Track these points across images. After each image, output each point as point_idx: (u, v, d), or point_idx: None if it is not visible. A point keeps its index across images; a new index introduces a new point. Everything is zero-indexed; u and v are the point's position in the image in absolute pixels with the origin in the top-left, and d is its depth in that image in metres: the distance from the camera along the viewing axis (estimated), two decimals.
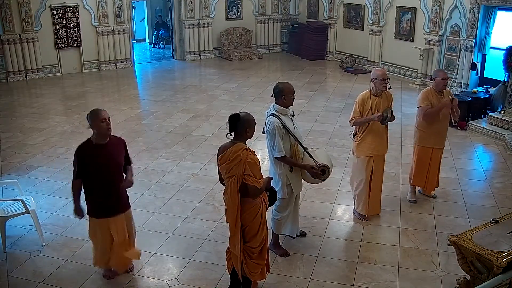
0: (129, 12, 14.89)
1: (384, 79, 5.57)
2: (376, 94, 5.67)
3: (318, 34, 15.55)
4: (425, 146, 6.29)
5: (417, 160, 6.38)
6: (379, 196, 6.05)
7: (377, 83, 5.59)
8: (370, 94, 5.68)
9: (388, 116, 5.61)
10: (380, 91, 5.64)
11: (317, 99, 11.35)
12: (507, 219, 4.29)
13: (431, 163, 6.31)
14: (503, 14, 10.69)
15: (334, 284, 4.86)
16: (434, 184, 6.48)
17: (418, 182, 6.47)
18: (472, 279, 4.03)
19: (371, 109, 5.63)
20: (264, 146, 5.35)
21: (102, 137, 4.50)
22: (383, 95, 5.70)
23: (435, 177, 6.44)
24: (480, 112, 9.88)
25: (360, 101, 5.68)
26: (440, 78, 6.06)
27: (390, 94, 5.82)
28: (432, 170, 6.36)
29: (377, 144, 5.76)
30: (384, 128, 5.81)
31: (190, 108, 10.70)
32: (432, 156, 6.31)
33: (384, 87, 5.61)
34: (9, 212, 5.50)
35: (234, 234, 4.30)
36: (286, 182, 5.02)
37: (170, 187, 6.93)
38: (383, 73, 5.64)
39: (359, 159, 5.84)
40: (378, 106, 5.65)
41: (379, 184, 5.98)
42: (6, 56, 12.71)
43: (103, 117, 4.42)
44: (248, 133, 4.26)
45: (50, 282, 4.88)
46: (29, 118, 9.95)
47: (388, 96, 5.76)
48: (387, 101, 5.73)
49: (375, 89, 5.64)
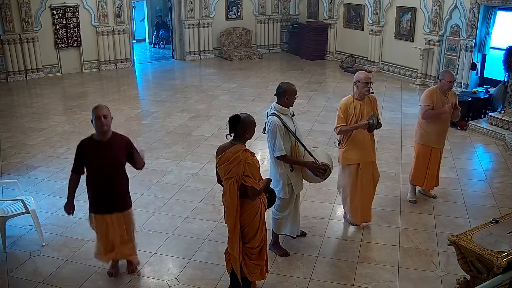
0: (129, 12, 14.89)
1: (367, 83, 5.38)
2: (359, 98, 5.48)
3: (318, 34, 15.55)
4: (425, 145, 6.28)
5: (416, 158, 6.39)
6: (370, 204, 5.86)
7: (360, 86, 5.40)
8: (353, 98, 5.48)
9: (374, 122, 5.39)
10: (362, 95, 5.46)
11: (317, 99, 11.36)
12: (507, 219, 4.29)
13: (430, 162, 6.31)
14: (503, 14, 10.69)
15: (334, 284, 4.86)
16: (433, 183, 6.47)
17: (417, 180, 6.46)
18: (472, 279, 4.03)
19: (355, 114, 5.43)
20: (264, 146, 5.36)
21: (98, 133, 4.51)
22: (367, 100, 5.51)
23: (434, 176, 6.43)
24: (480, 112, 9.87)
25: (343, 107, 5.47)
26: (446, 80, 6.03)
27: (375, 98, 5.63)
28: (431, 169, 6.36)
29: (363, 151, 5.57)
30: (370, 135, 5.62)
31: (190, 108, 10.70)
32: (432, 154, 6.30)
33: (366, 91, 5.42)
34: (9, 212, 5.51)
35: (233, 235, 4.29)
36: (287, 181, 5.02)
37: (170, 187, 6.93)
38: (366, 76, 5.39)
39: (345, 167, 5.69)
40: (362, 110, 5.44)
41: (368, 192, 5.76)
42: (6, 56, 12.72)
43: (99, 114, 4.42)
44: (247, 135, 4.26)
45: (50, 282, 4.88)
46: (29, 118, 9.96)
47: (372, 101, 5.57)
48: (371, 105, 5.54)
49: (357, 92, 5.46)
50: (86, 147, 4.54)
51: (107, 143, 4.52)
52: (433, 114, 6.09)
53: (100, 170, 4.53)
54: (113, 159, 4.57)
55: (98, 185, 4.59)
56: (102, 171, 4.53)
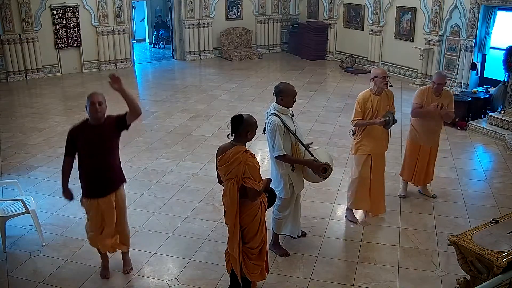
0: (129, 12, 14.89)
1: (385, 77, 5.58)
2: (377, 92, 5.67)
3: (318, 34, 15.54)
4: (413, 142, 6.41)
5: (405, 154, 6.58)
6: (382, 195, 6.03)
7: (378, 81, 5.59)
8: (371, 93, 5.68)
9: (391, 120, 5.59)
10: (381, 89, 5.64)
11: (317, 99, 11.36)
12: (507, 219, 4.29)
13: (418, 159, 6.40)
14: (503, 14, 10.69)
15: (334, 284, 4.86)
16: (421, 179, 6.52)
17: (406, 175, 6.59)
18: (472, 279, 4.03)
19: (372, 108, 5.63)
20: (264, 146, 5.35)
21: (92, 119, 4.53)
22: (384, 94, 5.70)
23: (423, 173, 6.47)
24: (480, 112, 9.87)
25: (360, 101, 5.67)
26: (435, 81, 6.13)
27: (391, 92, 5.82)
28: (419, 166, 6.42)
29: (376, 143, 5.76)
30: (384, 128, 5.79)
31: (190, 108, 10.70)
32: (420, 152, 6.38)
33: (385, 85, 5.61)
34: (9, 212, 5.50)
35: (233, 235, 4.29)
36: (288, 181, 5.01)
37: (170, 187, 6.93)
38: (383, 71, 5.66)
39: (356, 156, 5.87)
40: (379, 105, 5.64)
41: (380, 183, 5.95)
42: (6, 56, 12.71)
43: (94, 100, 4.46)
44: (249, 136, 4.26)
45: (50, 282, 4.88)
46: (29, 118, 9.96)
47: (389, 95, 5.77)
48: (387, 100, 5.73)
49: (375, 87, 5.64)
50: (78, 130, 4.55)
51: (99, 127, 4.52)
52: (419, 112, 6.20)
53: (91, 152, 4.52)
54: (104, 142, 4.54)
55: (91, 169, 4.58)
56: (93, 154, 4.52)
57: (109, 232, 4.75)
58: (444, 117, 6.22)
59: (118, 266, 5.07)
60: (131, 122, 4.56)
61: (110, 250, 4.91)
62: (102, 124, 4.53)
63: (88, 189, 4.67)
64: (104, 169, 4.59)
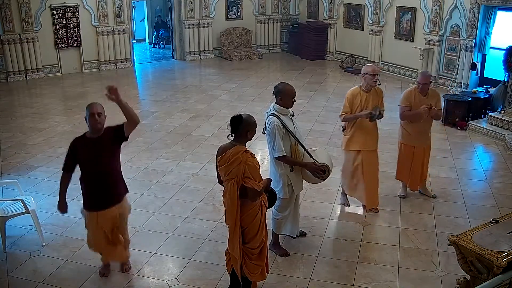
0: (129, 12, 14.90)
1: (374, 75, 5.67)
2: (366, 89, 5.75)
3: (318, 34, 15.54)
4: (407, 144, 6.40)
5: (399, 156, 6.54)
6: (376, 189, 6.08)
7: (367, 78, 5.69)
8: (360, 89, 5.78)
9: (376, 114, 5.68)
10: (370, 86, 5.72)
11: (317, 99, 11.36)
12: (507, 219, 4.29)
13: (413, 160, 6.39)
14: (503, 14, 10.68)
15: (334, 284, 4.86)
16: (418, 181, 6.53)
17: (402, 177, 6.59)
18: (472, 279, 4.03)
19: (360, 104, 5.72)
20: (264, 146, 5.35)
21: (91, 130, 4.53)
22: (373, 91, 5.78)
23: (419, 174, 6.48)
24: (480, 112, 9.86)
25: (349, 96, 5.78)
26: (419, 81, 6.14)
27: (381, 90, 5.91)
28: (414, 167, 6.42)
29: (365, 139, 5.85)
30: (374, 124, 5.87)
31: (190, 108, 10.70)
32: (415, 153, 6.38)
33: (374, 83, 5.71)
34: (9, 212, 5.50)
35: (234, 235, 4.29)
36: (287, 182, 5.01)
37: (170, 187, 6.93)
38: (373, 69, 5.75)
39: (346, 152, 6.02)
40: (368, 101, 5.73)
41: (373, 178, 6.00)
42: (6, 56, 12.72)
43: (93, 111, 4.47)
44: (249, 135, 4.26)
45: (50, 282, 4.88)
46: (29, 118, 9.96)
47: (378, 92, 5.84)
48: (377, 97, 5.81)
49: (365, 84, 5.73)
50: (78, 144, 4.55)
51: (99, 140, 4.52)
52: (409, 115, 6.20)
53: (91, 166, 4.53)
54: (104, 155, 4.54)
55: (91, 182, 4.59)
56: (93, 168, 4.53)
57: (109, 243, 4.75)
58: (434, 117, 6.25)
59: (117, 265, 5.07)
60: (129, 132, 4.65)
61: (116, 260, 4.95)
62: (101, 137, 4.53)
63: (88, 202, 4.67)
64: (104, 183, 4.58)
